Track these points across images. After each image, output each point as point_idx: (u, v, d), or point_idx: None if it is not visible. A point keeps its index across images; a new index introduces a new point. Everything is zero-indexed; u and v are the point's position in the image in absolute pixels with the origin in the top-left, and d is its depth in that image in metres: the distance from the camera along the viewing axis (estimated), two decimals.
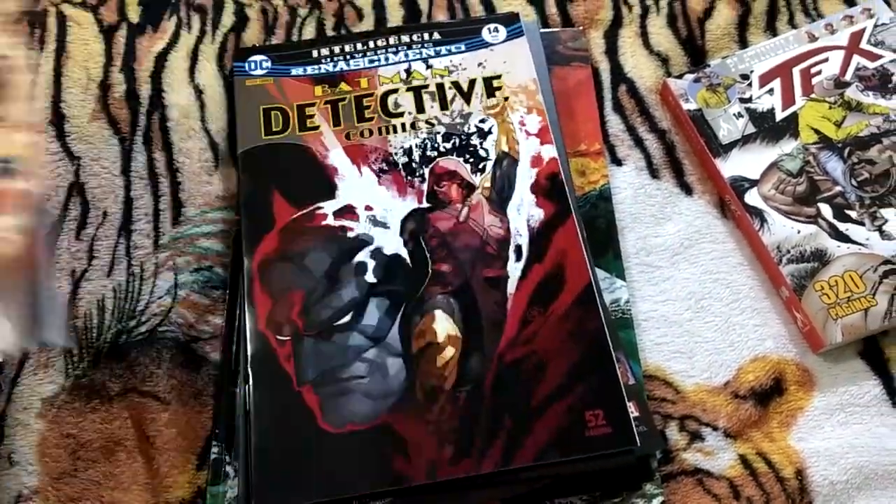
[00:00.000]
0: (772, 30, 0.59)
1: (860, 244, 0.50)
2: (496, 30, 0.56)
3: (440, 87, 0.54)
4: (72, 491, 0.46)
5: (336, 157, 0.52)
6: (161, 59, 0.60)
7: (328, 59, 0.56)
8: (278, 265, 0.48)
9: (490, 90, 0.54)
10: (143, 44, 0.60)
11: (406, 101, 0.54)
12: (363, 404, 0.44)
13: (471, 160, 0.52)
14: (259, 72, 0.55)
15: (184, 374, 0.49)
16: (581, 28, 0.60)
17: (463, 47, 0.56)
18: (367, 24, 0.61)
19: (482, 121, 0.53)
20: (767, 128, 0.54)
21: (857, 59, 0.55)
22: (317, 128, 0.53)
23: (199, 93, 0.58)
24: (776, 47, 0.57)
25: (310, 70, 0.56)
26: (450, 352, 0.45)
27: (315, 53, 0.56)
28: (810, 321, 0.48)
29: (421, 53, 0.56)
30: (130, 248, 0.53)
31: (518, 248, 0.49)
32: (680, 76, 0.56)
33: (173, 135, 0.57)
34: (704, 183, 0.55)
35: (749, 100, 0.55)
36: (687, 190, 0.55)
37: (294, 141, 0.52)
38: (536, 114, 0.53)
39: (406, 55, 0.56)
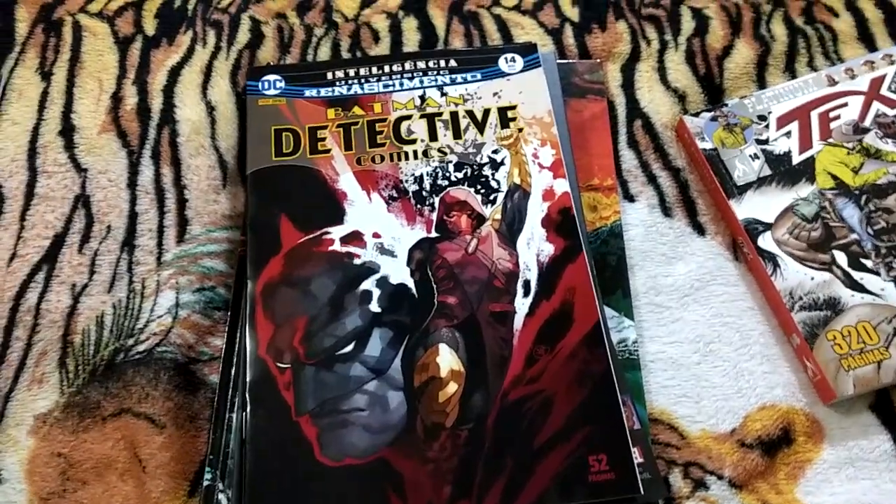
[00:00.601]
0: (791, 71, 0.59)
1: (875, 294, 0.49)
2: (513, 60, 0.56)
3: (454, 115, 0.54)
4: None
5: (346, 181, 0.51)
6: (175, 73, 0.59)
7: (342, 82, 0.56)
8: (282, 290, 0.47)
9: (504, 121, 0.54)
10: (158, 57, 0.60)
11: (419, 128, 0.54)
12: (362, 438, 0.43)
13: (482, 191, 0.51)
14: (272, 91, 0.55)
15: (180, 396, 0.48)
16: (598, 61, 0.60)
17: (479, 76, 0.56)
18: (384, 47, 0.61)
19: (495, 151, 0.52)
20: (784, 171, 0.53)
21: (876, 106, 0.55)
22: (328, 151, 0.52)
23: (210, 109, 0.58)
24: (795, 89, 0.56)
25: (323, 92, 0.55)
26: (452, 387, 0.44)
27: (329, 76, 0.56)
28: (821, 371, 0.47)
29: (436, 80, 0.55)
30: (133, 264, 0.52)
31: (526, 283, 0.48)
32: (696, 114, 0.56)
33: (182, 150, 0.56)
34: (717, 224, 0.54)
35: (766, 141, 0.54)
36: (699, 230, 0.54)
37: (304, 164, 0.52)
38: (550, 146, 0.53)
39: (421, 81, 0.55)
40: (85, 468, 0.46)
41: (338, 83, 0.55)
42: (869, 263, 0.50)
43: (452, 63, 0.56)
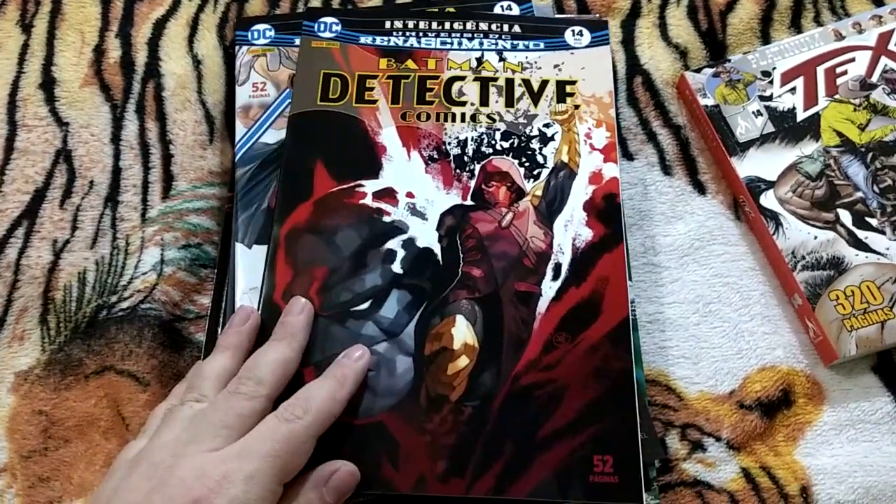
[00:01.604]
0: (796, 26, 0.57)
1: (880, 254, 0.47)
2: (580, 33, 0.53)
3: (509, 82, 0.51)
4: (41, 470, 0.44)
5: (388, 135, 0.49)
6: (159, 26, 0.57)
7: (399, 33, 0.53)
8: (307, 237, 0.46)
9: (561, 95, 0.51)
10: (142, 10, 0.58)
11: (471, 90, 0.51)
12: (363, 398, 0.41)
13: (526, 164, 0.49)
14: (327, 34, 0.53)
15: (165, 354, 0.47)
16: (597, 16, 0.58)
17: (542, 45, 0.53)
18: None
19: (547, 125, 0.50)
20: (787, 128, 0.52)
21: (884, 61, 0.53)
22: (374, 102, 0.50)
23: (197, 63, 0.56)
24: (801, 44, 0.54)
25: (379, 41, 0.53)
26: (463, 361, 0.43)
27: (388, 24, 0.53)
28: (823, 332, 0.46)
29: (496, 44, 0.53)
30: (116, 221, 0.51)
31: (557, 267, 0.46)
32: (698, 70, 0.54)
33: (168, 105, 0.54)
34: (718, 182, 0.53)
35: (769, 98, 0.53)
36: (700, 189, 0.52)
37: (348, 112, 0.50)
38: (606, 129, 0.50)
39: (480, 43, 0.53)
40: (67, 426, 0.45)
41: (395, 33, 0.53)
42: (874, 222, 0.48)
43: (516, 29, 0.53)
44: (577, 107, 0.50)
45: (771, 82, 0.53)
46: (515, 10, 0.55)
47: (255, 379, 0.38)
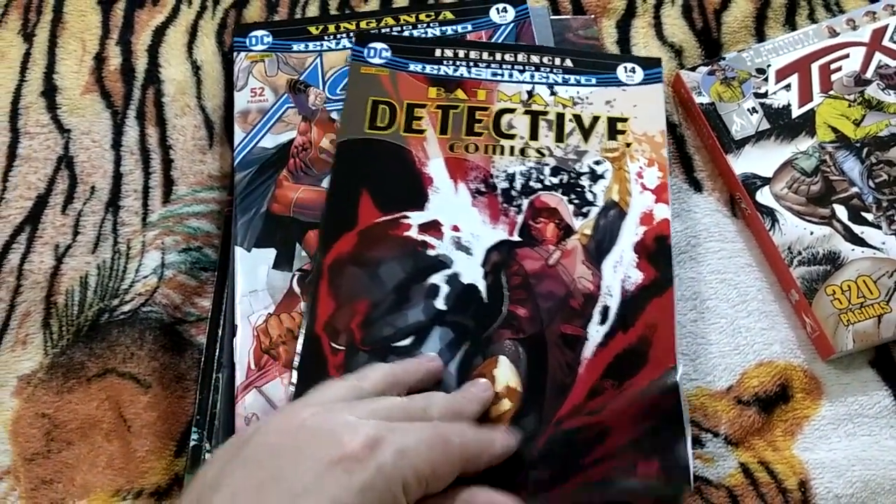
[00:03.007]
0: (791, 24, 0.57)
1: (876, 248, 0.47)
2: (633, 70, 0.52)
3: (560, 117, 0.50)
4: (44, 472, 0.44)
5: (435, 167, 0.49)
6: (159, 33, 0.58)
7: (450, 62, 0.52)
8: (350, 268, 0.45)
9: (613, 132, 0.50)
10: (142, 17, 0.59)
11: (521, 123, 0.50)
12: None
13: (575, 201, 0.48)
14: (377, 60, 0.52)
15: (167, 356, 0.47)
16: (593, 17, 0.58)
17: (594, 80, 0.52)
18: (374, 4, 0.59)
19: (597, 162, 0.49)
20: (783, 124, 0.52)
21: (878, 57, 0.53)
22: (422, 131, 0.50)
23: (196, 69, 0.57)
24: (795, 42, 0.54)
25: (429, 69, 0.52)
26: (506, 405, 0.42)
27: (437, 52, 0.53)
28: (820, 327, 0.46)
29: (548, 78, 0.52)
30: (117, 225, 0.51)
31: (605, 310, 0.44)
32: (693, 68, 0.54)
33: (168, 111, 0.55)
34: (715, 179, 0.53)
35: (765, 95, 0.53)
36: (696, 186, 0.53)
37: (396, 141, 0.49)
38: (658, 168, 0.49)
39: (532, 76, 0.52)
40: (70, 428, 0.45)
41: (445, 62, 0.52)
42: (870, 217, 0.48)
43: (568, 63, 0.52)
44: (628, 145, 0.49)
45: (766, 79, 0.53)
46: (511, 14, 0.55)
47: (428, 408, 0.37)
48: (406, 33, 0.54)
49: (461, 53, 0.53)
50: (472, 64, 0.52)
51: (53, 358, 0.47)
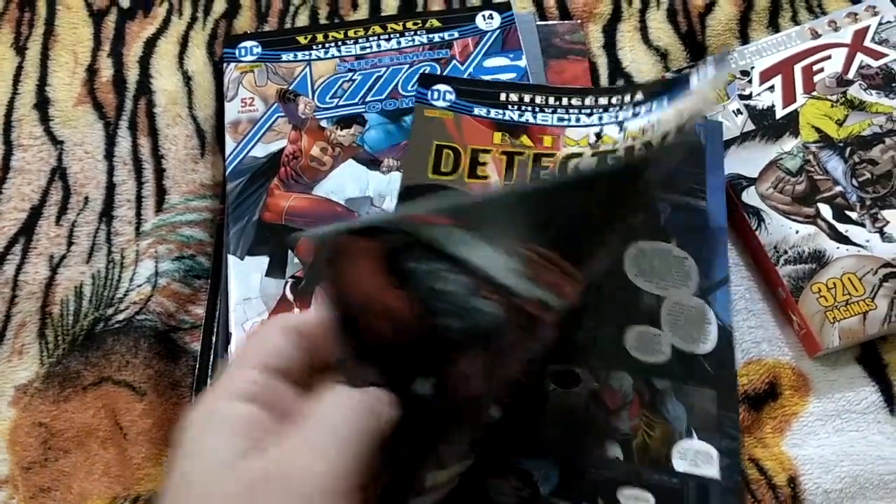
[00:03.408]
0: (774, 26, 0.58)
1: (860, 246, 0.48)
2: (704, 74, 0.49)
3: (629, 150, 0.49)
4: (41, 480, 0.45)
5: None
6: (150, 44, 0.59)
7: (515, 107, 0.51)
8: None
9: None
10: (133, 29, 0.59)
11: (588, 165, 0.49)
12: None
13: None
14: (441, 103, 0.52)
15: (161, 364, 0.48)
16: (579, 21, 0.59)
17: (665, 101, 0.49)
18: (362, 13, 0.60)
19: None
20: (767, 125, 0.52)
21: (860, 58, 0.54)
22: (486, 177, 0.49)
23: (187, 79, 0.57)
24: (778, 44, 0.55)
25: (493, 113, 0.51)
26: None
27: (503, 97, 0.52)
28: (807, 324, 0.46)
29: (616, 116, 0.51)
30: (111, 235, 0.52)
31: None
32: (679, 71, 0.55)
33: (159, 121, 0.55)
34: None
35: (749, 97, 0.54)
36: None
37: (459, 187, 0.49)
38: None
39: (600, 118, 0.51)
40: (66, 437, 0.46)
41: (510, 107, 0.51)
42: (854, 215, 0.49)
43: (638, 96, 0.51)
44: None
45: (750, 81, 0.54)
46: (497, 20, 0.56)
47: None
48: (394, 41, 0.55)
49: (527, 98, 0.52)
50: (538, 109, 0.51)
51: (49, 367, 0.48)
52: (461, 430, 0.34)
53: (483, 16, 0.56)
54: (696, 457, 0.42)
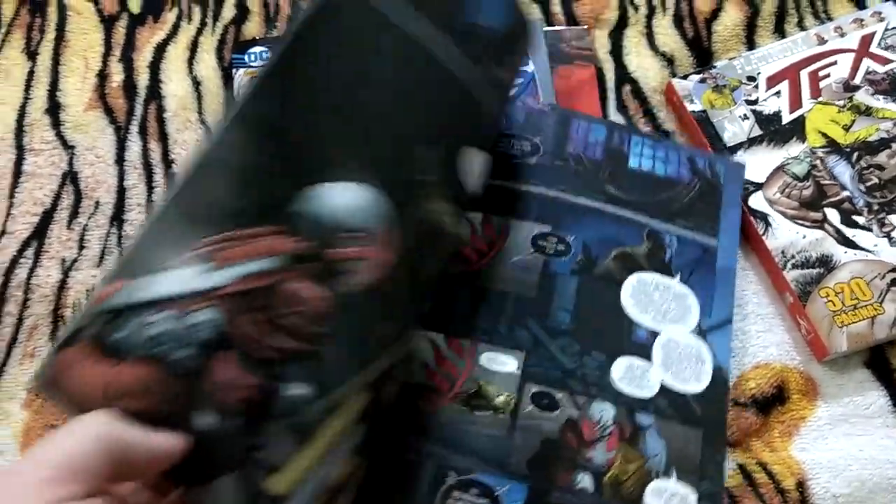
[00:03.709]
0: (780, 32, 0.58)
1: (868, 251, 0.48)
2: None
3: None
4: None
5: None
6: (160, 49, 0.59)
7: None
8: None
9: None
10: (143, 34, 0.60)
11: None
12: None
13: None
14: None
15: None
16: (585, 27, 0.59)
17: None
18: None
19: None
20: (774, 130, 0.53)
21: (867, 63, 0.54)
22: None
23: (197, 84, 0.58)
24: (784, 49, 0.55)
25: None
26: None
27: None
28: (815, 328, 0.47)
29: None
30: (122, 239, 0.52)
31: None
32: (685, 77, 0.55)
33: (169, 125, 0.56)
34: None
35: (755, 102, 0.54)
36: None
37: None
38: None
39: None
40: None
41: None
42: (861, 220, 0.49)
43: None
44: None
45: (756, 87, 0.54)
46: None
47: None
48: None
49: None
50: None
51: None
52: (258, 434, 0.32)
53: None
54: (671, 499, 0.42)
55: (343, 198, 0.34)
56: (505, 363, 0.44)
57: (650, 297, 0.46)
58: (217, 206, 0.34)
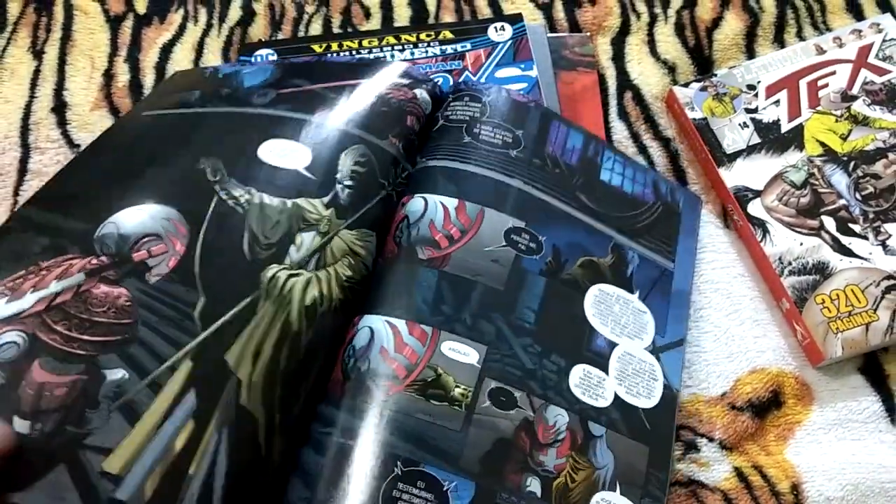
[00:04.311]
0: (780, 42, 0.59)
1: (863, 258, 0.49)
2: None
3: None
4: None
5: None
6: (166, 50, 0.60)
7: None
8: None
9: None
10: (149, 35, 0.60)
11: None
12: None
13: None
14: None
15: None
16: (588, 34, 0.60)
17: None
18: (374, 23, 0.61)
19: None
20: (773, 139, 0.54)
21: (864, 74, 0.55)
22: None
23: None
24: (784, 59, 0.56)
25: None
26: None
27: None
28: (810, 334, 0.47)
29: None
30: None
31: None
32: (686, 85, 0.56)
33: None
34: (707, 192, 0.54)
35: (755, 110, 0.55)
36: None
37: None
38: None
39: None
40: None
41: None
42: (857, 228, 0.50)
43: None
44: None
45: (756, 95, 0.55)
46: (509, 32, 0.57)
47: None
48: (407, 52, 0.56)
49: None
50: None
51: None
52: (84, 423, 0.36)
53: (495, 28, 0.57)
54: None
55: (133, 217, 0.42)
56: (466, 354, 0.42)
57: (611, 309, 0.47)
58: (20, 251, 0.41)
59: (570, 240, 0.47)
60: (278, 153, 0.45)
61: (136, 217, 0.42)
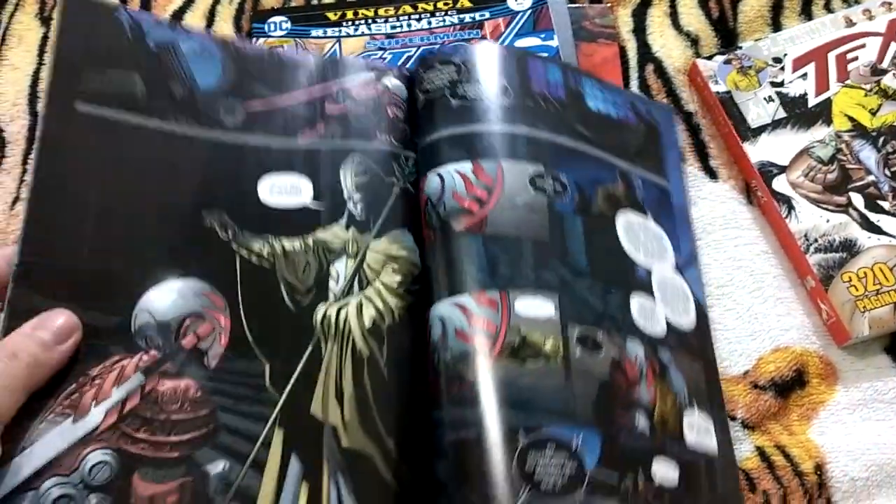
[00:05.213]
0: (807, 14, 0.58)
1: (891, 236, 0.48)
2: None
3: None
4: None
5: None
6: (177, 17, 0.58)
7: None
8: None
9: None
10: (159, 2, 0.59)
11: None
12: None
13: None
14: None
15: None
16: (609, 5, 0.58)
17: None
18: None
19: None
20: (799, 113, 0.52)
21: (895, 47, 0.54)
22: None
23: None
24: (811, 31, 0.55)
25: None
26: None
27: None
28: (836, 313, 0.46)
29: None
30: None
31: None
32: (710, 57, 0.55)
33: None
34: (730, 168, 0.53)
35: (781, 84, 0.53)
36: (712, 174, 0.53)
37: None
38: None
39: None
40: None
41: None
42: (886, 205, 0.49)
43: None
44: None
45: (782, 69, 0.54)
46: (528, 1, 0.56)
47: None
48: (424, 21, 0.55)
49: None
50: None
51: None
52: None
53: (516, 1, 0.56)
54: (700, 430, 0.42)
55: (163, 299, 0.38)
56: (542, 307, 0.41)
57: (637, 236, 0.46)
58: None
59: (585, 174, 0.46)
60: (280, 191, 0.42)
61: (167, 298, 0.38)
